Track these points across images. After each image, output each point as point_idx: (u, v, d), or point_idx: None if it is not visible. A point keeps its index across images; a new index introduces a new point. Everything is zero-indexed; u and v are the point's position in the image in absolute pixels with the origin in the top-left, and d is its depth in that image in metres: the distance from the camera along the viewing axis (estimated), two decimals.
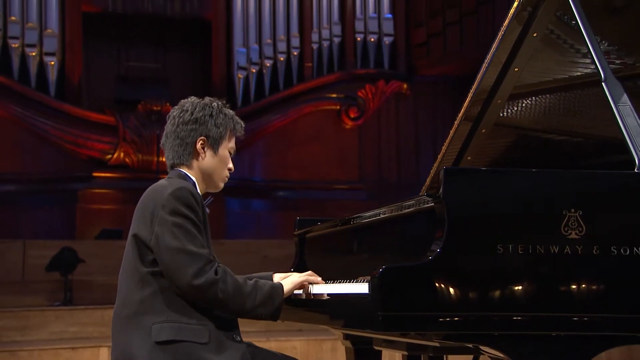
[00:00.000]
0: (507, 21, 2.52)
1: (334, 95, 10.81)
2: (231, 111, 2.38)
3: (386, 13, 11.02)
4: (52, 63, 10.15)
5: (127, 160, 10.07)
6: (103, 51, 11.06)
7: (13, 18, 10.07)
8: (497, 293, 1.78)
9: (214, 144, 2.29)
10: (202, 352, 2.06)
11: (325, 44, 10.92)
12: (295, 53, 10.83)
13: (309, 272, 2.28)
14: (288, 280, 2.23)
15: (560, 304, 1.80)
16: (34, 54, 10.09)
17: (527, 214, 1.82)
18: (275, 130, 10.46)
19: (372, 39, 10.97)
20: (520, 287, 1.79)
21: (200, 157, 2.28)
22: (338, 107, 10.84)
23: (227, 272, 2.11)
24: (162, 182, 2.24)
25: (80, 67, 10.54)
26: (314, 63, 10.90)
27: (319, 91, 10.76)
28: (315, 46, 10.91)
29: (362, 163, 10.82)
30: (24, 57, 10.08)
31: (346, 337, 2.76)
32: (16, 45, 10.04)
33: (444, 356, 2.66)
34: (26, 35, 10.09)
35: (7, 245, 7.92)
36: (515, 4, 2.49)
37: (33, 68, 10.09)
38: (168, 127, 2.33)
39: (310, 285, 2.22)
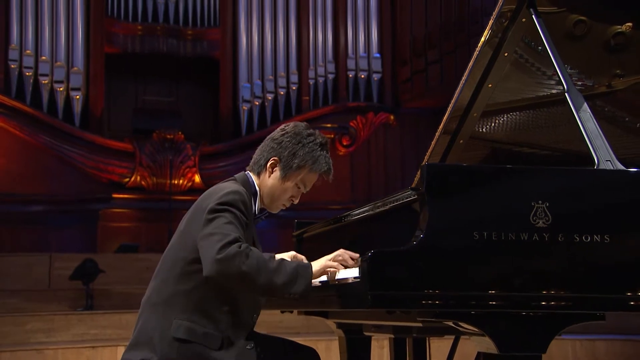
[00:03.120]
0: (480, 45, 2.53)
1: (329, 125, 10.82)
2: (324, 153, 2.19)
3: (375, 53, 11.09)
4: (77, 97, 10.20)
5: (143, 183, 10.07)
6: (123, 86, 11.11)
7: (44, 58, 10.15)
8: (474, 275, 1.78)
9: (283, 169, 2.15)
10: (210, 355, 2.00)
11: (321, 79, 10.98)
12: (294, 88, 10.89)
13: (341, 251, 2.07)
14: (318, 262, 2.04)
15: (530, 285, 1.80)
16: (61, 89, 10.14)
17: (500, 205, 1.82)
18: None
19: (362, 76, 11.03)
20: (494, 270, 1.79)
21: (267, 175, 2.17)
22: (332, 136, 10.86)
23: (252, 248, 1.95)
24: (223, 184, 2.16)
25: (102, 100, 10.58)
26: (310, 97, 10.94)
27: (315, 121, 10.77)
28: (311, 82, 10.96)
29: (354, 186, 10.82)
30: (52, 92, 10.13)
31: (339, 325, 2.74)
32: (46, 82, 10.10)
33: (427, 339, 2.64)
34: (55, 72, 10.16)
35: (35, 258, 7.91)
36: (487, 30, 2.52)
37: (60, 101, 10.14)
38: (269, 135, 2.23)
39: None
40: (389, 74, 11.13)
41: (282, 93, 10.80)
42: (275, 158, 2.16)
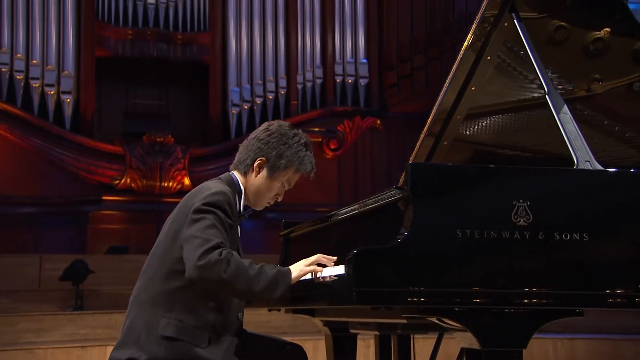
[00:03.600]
0: (463, 49, 2.55)
1: (316, 129, 10.83)
2: (309, 153, 2.23)
3: (362, 58, 11.12)
4: (68, 100, 10.14)
5: (133, 185, 10.02)
6: (113, 90, 11.05)
7: (34, 61, 10.08)
8: (457, 272, 1.78)
9: (270, 169, 2.16)
10: (197, 352, 2.00)
11: (309, 84, 10.99)
12: (282, 92, 10.89)
13: (318, 255, 2.10)
14: (296, 267, 2.06)
15: (512, 282, 1.81)
16: (52, 92, 10.08)
17: (483, 204, 1.83)
18: None
19: (350, 81, 11.05)
20: (477, 267, 1.80)
21: (253, 174, 2.18)
22: (320, 140, 10.86)
23: (233, 254, 1.95)
24: (209, 183, 2.16)
25: (93, 103, 10.52)
26: (298, 101, 10.95)
27: (303, 125, 10.76)
28: (299, 86, 10.97)
29: (340, 188, 10.83)
30: (43, 95, 10.07)
31: (325, 324, 2.74)
32: (36, 85, 10.04)
33: (411, 336, 2.65)
34: (45, 76, 10.09)
35: (26, 259, 7.87)
36: (470, 34, 2.54)
37: (51, 105, 10.07)
38: (251, 134, 2.24)
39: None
40: (376, 79, 11.16)
41: (270, 97, 10.80)
42: (262, 158, 2.17)
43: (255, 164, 2.17)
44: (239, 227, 2.18)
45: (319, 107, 10.96)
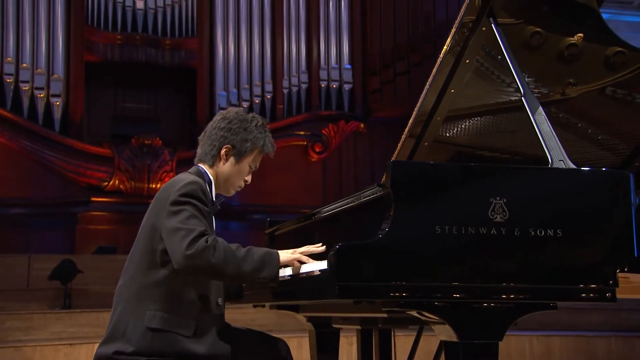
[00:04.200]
0: (442, 53, 2.57)
1: (302, 133, 10.84)
2: (267, 131, 2.27)
3: (346, 64, 11.14)
4: (58, 103, 10.06)
5: (121, 187, 9.96)
6: (102, 93, 10.98)
7: (24, 65, 10.01)
8: (436, 267, 1.79)
9: (237, 155, 2.20)
10: (184, 342, 2.00)
11: (294, 89, 10.99)
12: (268, 96, 10.88)
13: (307, 247, 2.12)
14: (284, 252, 2.07)
15: (488, 277, 1.82)
16: (41, 95, 10.00)
17: (461, 201, 1.84)
18: None
19: (334, 86, 11.07)
20: (455, 262, 1.80)
21: (221, 162, 2.20)
22: (305, 143, 10.88)
23: (219, 240, 1.98)
24: (180, 175, 2.17)
25: (82, 107, 10.44)
26: (284, 105, 10.94)
27: (288, 129, 10.80)
28: (285, 91, 10.96)
29: (325, 190, 10.84)
30: (33, 98, 9.99)
31: (308, 319, 2.74)
32: (26, 88, 9.96)
33: (392, 331, 2.65)
34: (35, 79, 10.01)
35: (15, 259, 7.81)
36: (449, 39, 2.56)
37: (41, 107, 9.99)
38: (208, 126, 2.26)
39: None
40: (360, 84, 11.18)
41: (257, 101, 10.79)
42: (228, 146, 2.20)
43: (222, 152, 2.20)
44: (213, 217, 2.20)
45: (304, 111, 10.95)
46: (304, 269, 2.00)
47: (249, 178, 2.27)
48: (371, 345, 2.79)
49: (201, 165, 2.22)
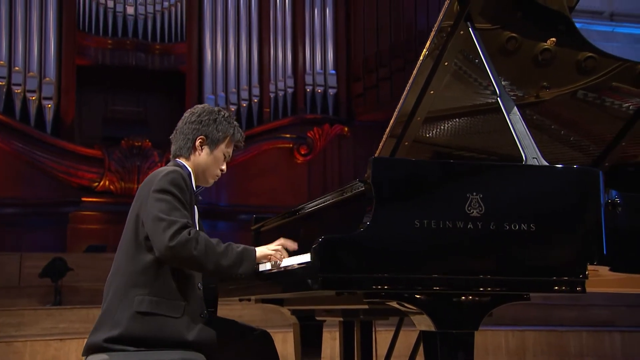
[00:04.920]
0: (422, 56, 2.57)
1: (288, 136, 10.84)
2: (234, 121, 2.33)
3: (330, 70, 11.17)
4: (49, 106, 9.99)
5: (111, 187, 9.90)
6: (93, 96, 10.91)
7: (17, 68, 9.93)
8: (415, 259, 1.79)
9: (211, 144, 2.24)
10: (173, 324, 2.01)
11: (281, 93, 10.99)
12: (255, 100, 10.87)
13: (281, 239, 2.16)
14: (260, 248, 2.12)
15: (465, 269, 1.83)
16: (33, 98, 9.92)
17: (439, 196, 1.85)
18: (239, 163, 10.43)
19: (319, 90, 11.09)
20: (433, 255, 1.81)
21: (197, 153, 2.24)
22: (291, 145, 10.88)
23: (201, 234, 2.01)
24: (161, 168, 2.19)
25: (73, 109, 10.38)
26: (271, 109, 10.94)
27: (275, 132, 10.79)
28: (272, 95, 10.96)
29: (310, 192, 10.82)
30: (25, 101, 9.91)
31: (293, 312, 2.74)
32: (19, 91, 9.89)
33: (373, 323, 2.66)
34: (27, 82, 9.95)
35: (7, 257, 7.72)
36: (429, 42, 2.56)
37: (33, 110, 9.92)
38: (179, 124, 2.30)
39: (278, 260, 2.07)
40: (344, 89, 11.21)
41: (244, 105, 10.77)
42: (202, 137, 2.24)
43: (197, 143, 2.24)
44: (195, 207, 2.21)
45: (290, 114, 10.96)
46: (288, 262, 2.01)
47: (224, 167, 2.31)
48: (353, 338, 2.79)
49: (178, 159, 2.25)
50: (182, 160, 2.25)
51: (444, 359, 1.81)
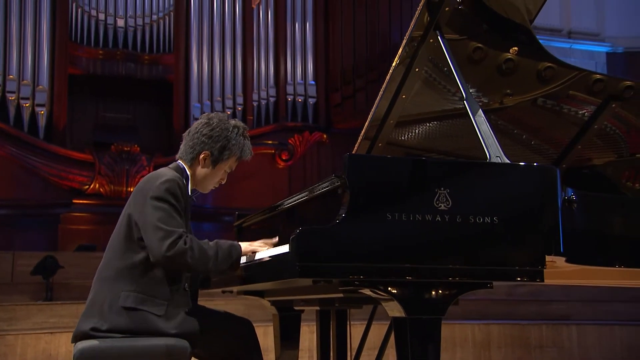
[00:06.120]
0: (394, 64, 2.59)
1: (270, 142, 10.82)
2: (247, 141, 2.23)
3: (310, 80, 11.18)
4: (42, 112, 9.87)
5: (101, 190, 9.80)
6: (84, 104, 10.81)
7: (11, 76, 9.81)
8: (387, 249, 1.80)
9: (214, 162, 2.17)
10: (155, 320, 2.00)
11: (263, 102, 10.98)
12: (239, 108, 10.84)
13: (261, 241, 2.18)
14: (245, 244, 2.14)
15: (434, 259, 1.84)
16: (27, 105, 9.80)
17: (410, 191, 1.85)
18: None
19: (300, 100, 11.09)
20: (403, 246, 1.81)
21: (199, 166, 2.17)
22: (273, 151, 10.86)
23: (194, 240, 2.01)
24: (161, 170, 2.15)
25: (65, 116, 10.26)
26: (254, 116, 10.92)
27: (257, 138, 10.75)
28: (255, 103, 10.94)
29: (291, 195, 10.81)
30: (19, 108, 9.79)
31: (273, 303, 2.73)
32: (12, 98, 9.76)
33: (347, 312, 2.66)
34: (21, 90, 9.82)
35: (0, 256, 7.56)
36: (400, 50, 2.59)
37: (26, 116, 9.79)
38: (192, 127, 2.22)
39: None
40: (323, 98, 11.23)
41: (228, 112, 10.71)
42: (207, 152, 2.17)
43: (201, 156, 2.17)
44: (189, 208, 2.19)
45: (272, 122, 10.94)
46: (268, 253, 2.01)
47: (224, 179, 2.26)
48: (329, 328, 2.79)
49: (181, 162, 2.20)
50: (184, 164, 2.19)
51: (413, 343, 1.82)
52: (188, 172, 2.18)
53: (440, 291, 1.85)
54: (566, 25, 10.86)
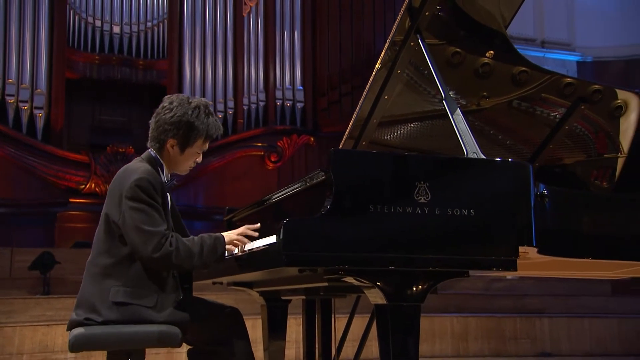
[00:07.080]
0: (376, 67, 2.59)
1: (259, 144, 10.82)
2: (211, 118, 2.08)
3: (298, 86, 11.20)
4: (40, 115, 9.79)
5: (97, 189, 9.74)
6: (81, 107, 10.75)
7: (10, 80, 9.74)
8: (369, 240, 1.79)
9: (182, 147, 2.06)
10: (147, 312, 1.97)
11: (253, 106, 10.97)
12: (230, 112, 10.82)
13: (244, 228, 2.11)
14: (229, 233, 2.09)
15: (413, 249, 1.83)
16: (26, 107, 9.73)
17: (391, 184, 1.85)
18: (215, 169, 10.37)
19: (288, 104, 11.10)
20: (385, 236, 1.81)
21: (168, 153, 2.08)
22: (262, 153, 10.85)
23: (179, 240, 1.95)
24: (132, 165, 2.06)
25: (63, 118, 10.19)
26: (244, 120, 10.91)
27: (248, 141, 10.77)
28: (245, 108, 10.94)
29: None
30: (17, 110, 9.71)
31: (261, 294, 2.72)
32: (12, 101, 9.67)
33: (332, 302, 2.65)
34: (20, 93, 9.75)
35: None
36: (382, 54, 2.60)
37: (25, 118, 9.72)
38: (155, 112, 2.10)
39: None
40: (310, 103, 11.23)
41: (220, 116, 10.70)
42: (172, 140, 2.06)
43: (167, 145, 2.07)
44: (168, 195, 2.10)
45: (262, 125, 10.94)
46: (256, 244, 2.00)
47: (199, 159, 2.15)
48: (314, 317, 2.79)
49: (152, 150, 2.10)
50: (155, 152, 2.09)
51: (394, 329, 1.82)
52: (161, 160, 2.08)
53: (419, 280, 1.84)
54: (540, 35, 10.97)
